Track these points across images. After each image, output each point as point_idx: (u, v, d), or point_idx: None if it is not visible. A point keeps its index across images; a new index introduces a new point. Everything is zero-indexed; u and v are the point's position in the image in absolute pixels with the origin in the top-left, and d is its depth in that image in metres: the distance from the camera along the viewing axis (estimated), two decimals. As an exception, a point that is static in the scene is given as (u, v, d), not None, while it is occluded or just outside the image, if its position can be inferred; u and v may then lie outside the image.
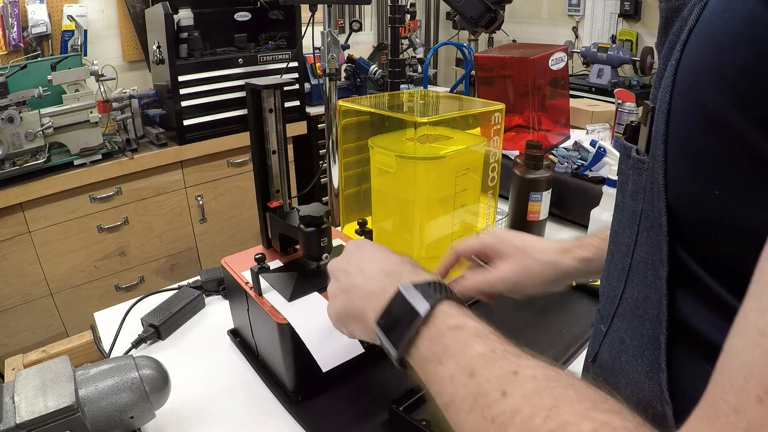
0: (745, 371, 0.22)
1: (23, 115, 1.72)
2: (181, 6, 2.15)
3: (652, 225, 0.33)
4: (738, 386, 0.22)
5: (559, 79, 1.40)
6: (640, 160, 0.35)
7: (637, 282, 0.36)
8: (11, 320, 1.90)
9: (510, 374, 0.34)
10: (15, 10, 2.01)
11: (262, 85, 0.72)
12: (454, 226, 0.88)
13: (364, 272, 0.49)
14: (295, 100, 2.47)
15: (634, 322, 0.36)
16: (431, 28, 3.93)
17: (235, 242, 2.45)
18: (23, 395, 0.54)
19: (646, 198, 0.34)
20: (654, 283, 0.33)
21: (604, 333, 0.41)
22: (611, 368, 0.39)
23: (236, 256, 0.78)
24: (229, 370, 0.79)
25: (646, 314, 0.35)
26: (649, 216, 0.34)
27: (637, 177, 0.36)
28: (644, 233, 0.35)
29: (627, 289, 0.38)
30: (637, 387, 0.35)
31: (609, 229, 0.52)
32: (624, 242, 0.39)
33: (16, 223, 1.83)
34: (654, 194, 0.33)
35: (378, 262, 0.50)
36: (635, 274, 0.36)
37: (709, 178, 0.28)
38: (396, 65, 1.54)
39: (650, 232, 0.34)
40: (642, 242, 0.35)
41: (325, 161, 1.34)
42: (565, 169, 1.22)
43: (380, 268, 0.49)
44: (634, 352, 0.36)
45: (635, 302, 0.36)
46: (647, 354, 0.34)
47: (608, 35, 3.15)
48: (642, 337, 0.35)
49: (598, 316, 0.45)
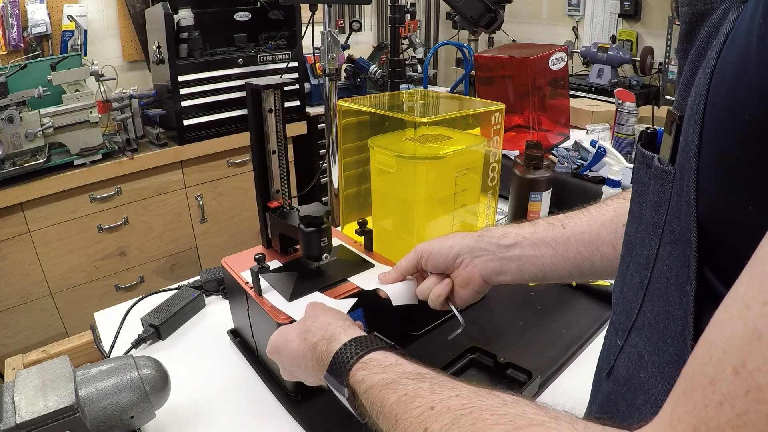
0: (725, 343, 0.21)
1: (23, 115, 1.72)
2: (181, 6, 2.15)
3: (677, 239, 0.32)
4: (716, 358, 0.22)
5: (559, 79, 1.40)
6: (664, 171, 0.34)
7: (658, 297, 0.35)
8: (11, 320, 1.90)
9: (427, 410, 0.37)
10: (15, 10, 2.01)
11: (262, 85, 0.72)
12: (454, 226, 0.88)
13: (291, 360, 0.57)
14: (295, 100, 2.47)
15: (654, 338, 0.35)
16: (431, 28, 3.93)
17: (235, 242, 2.45)
18: (23, 395, 0.54)
19: (671, 211, 0.33)
20: (678, 299, 0.32)
21: (620, 347, 0.40)
22: (629, 384, 0.38)
23: (236, 256, 0.78)
24: (229, 370, 0.79)
25: (667, 330, 0.33)
26: (674, 230, 0.32)
27: (660, 188, 0.35)
28: (667, 247, 0.33)
29: (646, 303, 0.36)
30: (657, 404, 0.34)
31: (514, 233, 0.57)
32: (643, 254, 0.37)
33: (16, 223, 1.83)
34: (681, 208, 0.31)
35: (296, 353, 0.55)
36: (656, 289, 0.35)
37: (743, 194, 0.27)
38: (396, 65, 1.54)
39: (675, 247, 0.32)
40: (664, 256, 0.34)
41: (325, 161, 1.34)
42: (565, 169, 1.22)
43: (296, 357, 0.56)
44: (654, 368, 0.35)
45: (655, 317, 0.35)
46: (668, 371, 0.33)
47: (608, 35, 3.16)
48: (663, 354, 0.34)
49: (612, 328, 0.43)
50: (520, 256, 0.61)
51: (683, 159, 0.31)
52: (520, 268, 0.61)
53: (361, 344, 0.49)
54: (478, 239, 0.63)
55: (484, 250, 0.62)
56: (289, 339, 0.57)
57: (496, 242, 0.62)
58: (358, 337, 0.50)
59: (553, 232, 0.60)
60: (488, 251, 0.62)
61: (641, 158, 0.38)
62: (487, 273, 0.62)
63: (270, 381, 0.74)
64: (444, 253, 0.63)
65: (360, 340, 0.50)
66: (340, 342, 0.50)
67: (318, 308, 0.59)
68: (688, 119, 0.30)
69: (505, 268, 0.62)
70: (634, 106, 1.35)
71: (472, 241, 0.63)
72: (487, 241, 0.62)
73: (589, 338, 0.83)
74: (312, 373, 0.54)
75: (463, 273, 0.63)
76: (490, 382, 0.74)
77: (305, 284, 0.70)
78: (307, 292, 0.69)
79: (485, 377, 0.74)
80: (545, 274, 0.61)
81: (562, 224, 0.60)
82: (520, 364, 0.72)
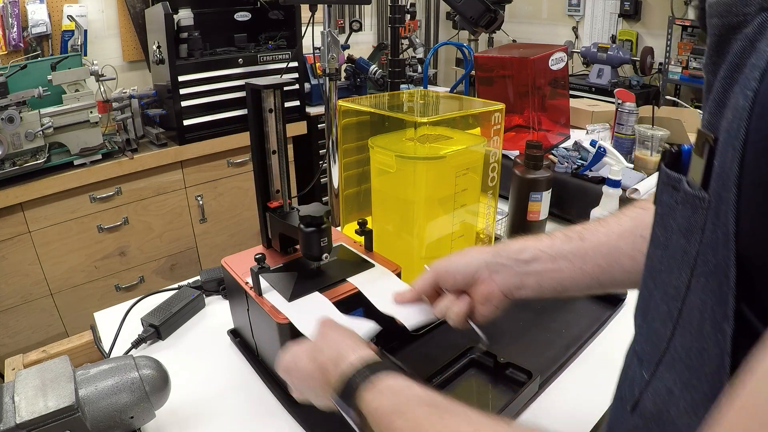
0: None
1: (23, 115, 1.72)
2: (181, 6, 2.15)
3: (712, 272, 0.30)
4: (760, 413, 0.20)
5: (559, 79, 1.40)
6: (696, 197, 0.32)
7: (691, 331, 0.33)
8: (11, 320, 1.90)
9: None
10: (15, 10, 2.01)
11: (262, 85, 0.72)
12: (454, 226, 0.88)
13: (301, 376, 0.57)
14: (295, 100, 2.47)
15: (686, 374, 0.33)
16: (431, 28, 3.93)
17: (235, 242, 2.45)
18: (23, 395, 0.54)
19: (705, 241, 0.31)
20: (713, 336, 0.30)
21: (647, 381, 0.38)
22: (658, 419, 0.36)
23: (236, 256, 0.78)
24: (229, 370, 0.79)
25: (702, 368, 0.31)
26: (709, 262, 0.30)
27: (691, 214, 0.33)
28: (701, 279, 0.31)
29: (677, 336, 0.34)
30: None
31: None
32: (671, 284, 0.35)
33: (16, 223, 1.83)
34: (718, 239, 0.29)
35: (305, 373, 0.56)
36: (687, 322, 0.33)
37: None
38: (396, 65, 1.54)
39: (710, 280, 0.30)
40: (697, 289, 0.32)
41: (325, 161, 1.34)
42: (565, 169, 1.22)
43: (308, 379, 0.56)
44: (686, 406, 0.33)
45: (688, 353, 0.33)
46: (703, 410, 0.31)
47: (608, 35, 3.16)
48: (696, 392, 0.32)
49: (635, 357, 0.41)
50: (540, 271, 0.60)
51: (719, 187, 0.29)
52: (539, 283, 0.60)
53: (370, 366, 0.48)
54: (495, 254, 0.62)
55: (503, 266, 0.61)
56: (298, 357, 0.56)
57: (515, 257, 0.61)
58: (367, 358, 0.50)
59: (570, 245, 0.59)
60: (507, 266, 0.61)
61: (666, 179, 0.36)
62: (507, 288, 0.61)
63: (270, 381, 0.74)
64: (462, 269, 0.62)
65: (369, 361, 0.49)
66: (348, 363, 0.50)
67: (328, 326, 0.58)
68: (725, 143, 0.28)
69: (525, 283, 0.60)
70: (634, 106, 1.35)
71: (489, 256, 0.62)
72: (505, 256, 0.61)
73: (589, 338, 0.83)
74: (321, 394, 0.53)
75: (482, 289, 0.61)
76: (490, 382, 0.74)
77: (305, 284, 0.70)
78: (307, 292, 0.69)
79: (485, 377, 0.74)
80: (564, 287, 0.60)
81: (580, 237, 0.59)
82: (520, 364, 0.72)
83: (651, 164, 1.24)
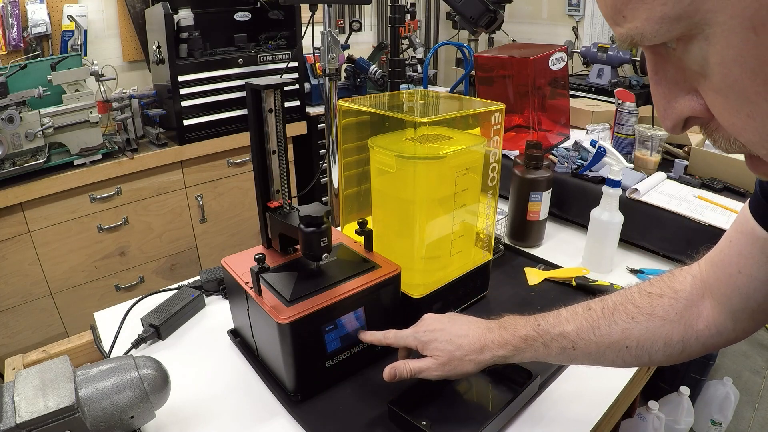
0: None
1: (23, 115, 1.72)
2: (181, 6, 2.15)
3: None
4: None
5: (559, 79, 1.40)
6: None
7: None
8: (11, 320, 1.90)
9: None
10: (15, 10, 2.01)
11: (262, 85, 0.72)
12: (454, 226, 0.88)
13: None
14: (295, 100, 2.47)
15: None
16: (431, 28, 3.93)
17: (235, 242, 2.45)
18: (23, 395, 0.54)
19: None
20: None
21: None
22: None
23: (236, 256, 0.78)
24: (229, 370, 0.79)
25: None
26: None
27: None
28: None
29: None
30: None
31: (531, 327, 0.63)
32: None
33: (16, 223, 1.83)
34: None
35: None
36: None
37: None
38: (396, 65, 1.54)
39: None
40: None
41: (325, 161, 1.34)
42: (565, 169, 1.22)
43: None
44: None
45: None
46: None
47: (608, 35, 3.15)
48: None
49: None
50: (528, 356, 0.64)
51: None
52: (522, 359, 0.65)
53: None
54: (493, 353, 0.65)
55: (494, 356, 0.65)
56: None
57: (506, 357, 0.65)
58: None
59: (563, 355, 0.63)
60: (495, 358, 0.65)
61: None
62: (485, 365, 0.65)
63: (270, 381, 0.74)
64: (466, 369, 0.65)
65: None
66: None
67: None
68: None
69: (507, 359, 0.65)
70: (634, 106, 1.35)
71: (488, 356, 0.64)
72: (499, 355, 0.64)
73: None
74: None
75: (461, 367, 0.64)
76: (490, 382, 0.74)
77: (305, 284, 0.70)
78: (307, 292, 0.69)
79: (485, 377, 0.74)
80: None
81: (573, 346, 0.61)
82: (520, 364, 0.72)
83: (651, 164, 1.24)
